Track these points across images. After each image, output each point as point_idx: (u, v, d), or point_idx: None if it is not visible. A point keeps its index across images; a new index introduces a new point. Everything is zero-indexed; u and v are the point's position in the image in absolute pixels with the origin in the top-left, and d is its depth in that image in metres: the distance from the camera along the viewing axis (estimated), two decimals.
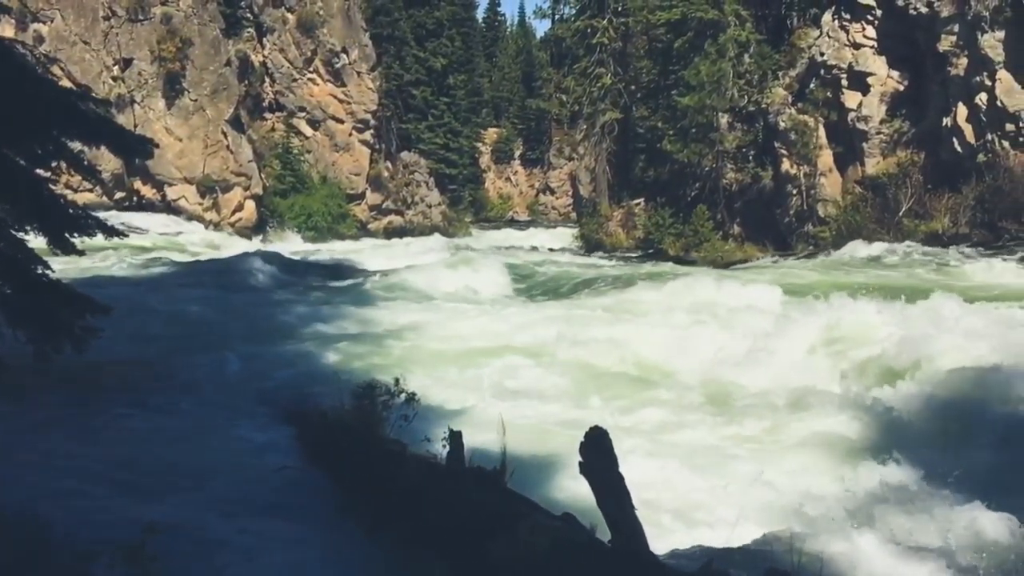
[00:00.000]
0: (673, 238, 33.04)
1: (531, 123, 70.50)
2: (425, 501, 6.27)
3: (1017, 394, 9.17)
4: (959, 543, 6.29)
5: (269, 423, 9.66)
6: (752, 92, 32.97)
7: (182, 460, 8.11)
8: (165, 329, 14.51)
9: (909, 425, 9.27)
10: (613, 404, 10.77)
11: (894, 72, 30.15)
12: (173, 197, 38.10)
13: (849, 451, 8.80)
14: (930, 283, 17.80)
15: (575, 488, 6.40)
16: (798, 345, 12.59)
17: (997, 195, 25.44)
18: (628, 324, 14.76)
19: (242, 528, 6.45)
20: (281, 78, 43.47)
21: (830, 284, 17.37)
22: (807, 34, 32.86)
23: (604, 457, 5.21)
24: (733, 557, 5.54)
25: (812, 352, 12.37)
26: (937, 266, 21.77)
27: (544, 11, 53.06)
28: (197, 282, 20.59)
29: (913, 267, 21.93)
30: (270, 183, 41.08)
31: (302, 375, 11.78)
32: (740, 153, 33.89)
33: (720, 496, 7.51)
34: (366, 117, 44.50)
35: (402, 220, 47.32)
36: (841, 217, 29.63)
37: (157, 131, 37.03)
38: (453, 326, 15.29)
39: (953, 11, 27.20)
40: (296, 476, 7.65)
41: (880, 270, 21.82)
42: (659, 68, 38.95)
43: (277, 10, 43.08)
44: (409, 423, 7.77)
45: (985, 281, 18.29)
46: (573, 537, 5.54)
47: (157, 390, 10.93)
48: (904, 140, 29.31)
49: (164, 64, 37.47)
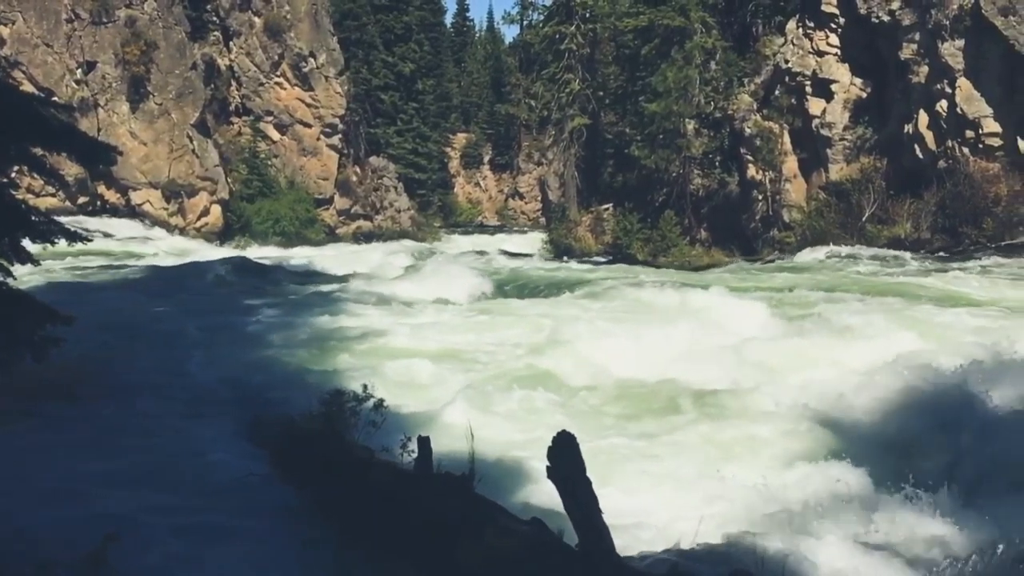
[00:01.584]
0: (641, 243, 33.22)
1: (500, 128, 70.58)
2: (393, 507, 6.26)
3: (969, 393, 9.37)
4: (915, 541, 6.42)
5: (235, 430, 9.57)
6: (718, 99, 33.31)
7: (144, 468, 8.02)
8: (127, 336, 14.32)
9: (863, 425, 9.41)
10: (580, 408, 10.80)
11: (857, 79, 30.61)
12: (138, 202, 37.65)
13: (805, 452, 8.91)
14: (890, 287, 18.09)
15: (544, 493, 6.43)
16: (748, 345, 12.83)
17: (957, 201, 25.90)
18: (593, 329, 14.82)
19: (206, 537, 6.40)
20: (248, 82, 43.14)
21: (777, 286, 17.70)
22: (772, 42, 33.28)
23: (571, 462, 5.25)
24: (698, 558, 5.60)
25: (760, 352, 12.57)
26: (892, 271, 22.13)
27: (512, 17, 53.06)
28: (161, 288, 20.36)
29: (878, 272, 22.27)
30: (236, 188, 40.71)
31: (269, 382, 11.69)
32: (707, 159, 34.21)
33: (681, 498, 7.59)
34: (334, 121, 44.30)
35: (371, 225, 47.12)
36: (806, 222, 30.00)
37: (121, 135, 36.64)
38: (422, 331, 15.25)
39: (914, 20, 27.70)
40: (262, 483, 7.60)
41: (836, 273, 22.14)
42: (627, 74, 39.20)
43: (244, 14, 42.76)
44: (377, 429, 7.75)
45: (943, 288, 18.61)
46: (541, 541, 5.57)
47: (119, 398, 10.79)
48: (867, 146, 29.76)
49: (128, 67, 37.04)
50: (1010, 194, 25.26)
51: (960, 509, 6.90)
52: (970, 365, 10.06)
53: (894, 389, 9.96)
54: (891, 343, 11.70)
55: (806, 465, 8.39)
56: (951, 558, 5.63)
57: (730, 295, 16.64)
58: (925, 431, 9.03)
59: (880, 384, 10.13)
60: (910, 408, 9.50)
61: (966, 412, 9.10)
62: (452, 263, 28.39)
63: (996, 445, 8.34)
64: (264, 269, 25.20)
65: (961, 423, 8.82)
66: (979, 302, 15.81)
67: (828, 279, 20.33)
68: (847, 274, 21.60)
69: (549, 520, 5.70)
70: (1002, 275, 19.58)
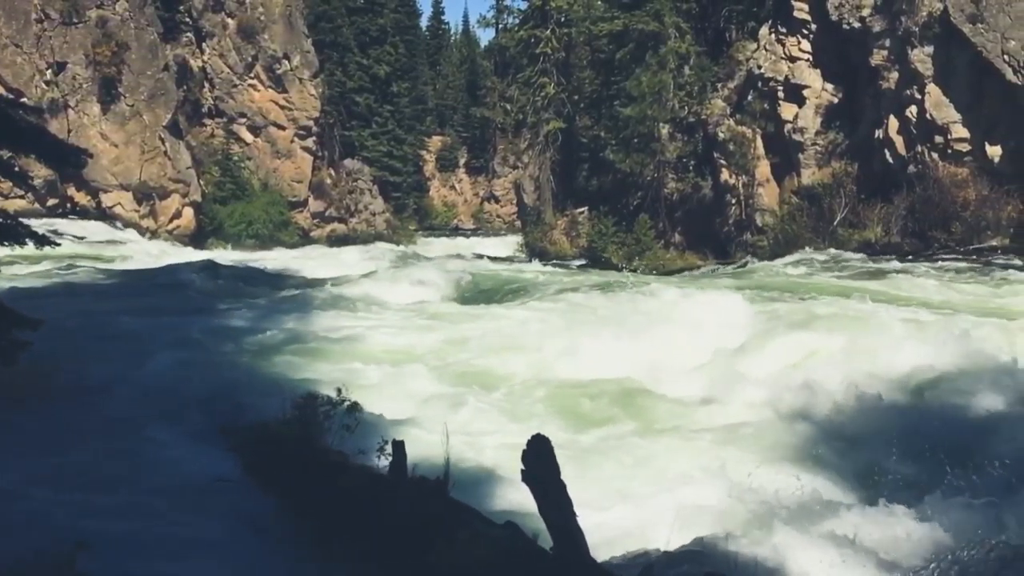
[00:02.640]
0: (616, 246, 33.35)
1: (475, 131, 70.53)
2: (367, 512, 6.23)
3: (935, 395, 9.51)
4: (887, 541, 6.49)
5: (207, 435, 9.47)
6: (692, 103, 33.53)
7: (115, 473, 7.92)
8: (98, 340, 14.13)
9: (833, 426, 9.51)
10: (553, 410, 10.81)
11: (828, 85, 30.95)
12: (108, 204, 37.20)
13: (775, 453, 8.99)
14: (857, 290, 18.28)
15: (518, 497, 6.43)
16: (715, 346, 12.95)
17: (927, 205, 26.25)
18: (567, 332, 14.85)
19: (178, 543, 6.33)
20: (221, 84, 42.81)
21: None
22: (745, 47, 33.55)
23: (546, 465, 5.25)
24: (672, 561, 5.63)
25: (726, 353, 12.69)
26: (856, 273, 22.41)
27: (488, 20, 53.15)
28: (131, 292, 20.14)
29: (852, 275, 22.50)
30: (209, 190, 40.37)
31: (242, 386, 11.59)
32: (681, 163, 34.42)
33: (655, 501, 7.62)
34: (308, 124, 44.07)
35: (345, 228, 46.91)
36: (778, 226, 30.27)
37: (92, 137, 36.21)
38: (397, 335, 15.20)
39: (885, 26, 28.05)
40: (235, 489, 7.53)
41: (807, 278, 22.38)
42: (601, 79, 39.37)
43: (217, 15, 42.43)
44: (351, 433, 7.70)
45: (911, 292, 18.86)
46: (515, 545, 5.57)
47: (87, 402, 10.65)
48: (838, 151, 30.09)
49: (99, 68, 36.61)
50: (978, 199, 25.65)
51: (932, 509, 6.98)
52: (934, 365, 10.23)
53: (860, 390, 10.09)
54: (852, 344, 11.86)
55: (777, 466, 8.46)
56: (922, 558, 5.70)
57: (696, 294, 16.72)
58: (894, 430, 9.14)
59: (846, 385, 10.25)
60: (876, 409, 9.62)
61: (933, 412, 9.24)
62: (429, 265, 28.36)
63: (965, 444, 8.47)
64: (236, 272, 24.99)
65: (929, 423, 8.95)
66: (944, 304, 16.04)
67: (790, 282, 20.55)
68: (813, 277, 21.85)
69: (523, 523, 5.70)
70: (966, 279, 19.86)
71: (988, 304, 15.98)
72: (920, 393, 10.06)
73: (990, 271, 20.90)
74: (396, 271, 24.02)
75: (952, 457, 8.32)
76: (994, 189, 25.47)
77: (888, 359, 10.77)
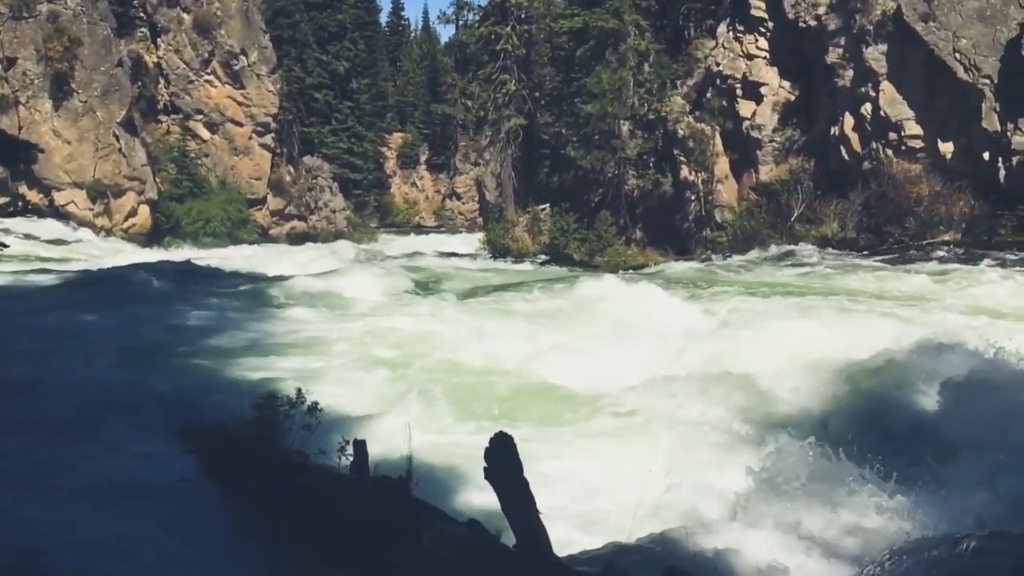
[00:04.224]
0: (578, 243, 33.44)
1: (437, 128, 70.36)
2: (327, 512, 6.17)
3: (895, 383, 9.67)
4: (845, 532, 6.58)
5: (162, 437, 9.30)
6: (652, 101, 33.73)
7: (66, 477, 7.74)
8: (48, 343, 13.80)
9: (793, 417, 9.63)
10: (515, 408, 10.81)
11: (785, 82, 31.35)
12: (61, 202, 36.44)
13: (738, 445, 9.07)
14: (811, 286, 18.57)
15: (482, 495, 6.41)
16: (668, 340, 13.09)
17: (882, 201, 26.72)
18: (529, 328, 14.88)
19: (133, 548, 6.21)
20: (176, 80, 42.17)
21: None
22: (703, 45, 33.86)
23: (508, 462, 5.23)
24: (633, 557, 5.64)
25: (680, 347, 12.83)
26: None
27: (448, 16, 52.83)
28: (85, 291, 19.71)
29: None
30: (165, 188, 39.78)
31: (198, 387, 11.41)
32: (641, 160, 34.63)
33: (614, 497, 7.65)
34: (266, 120, 43.59)
35: (305, 226, 46.50)
36: (737, 222, 30.60)
37: (44, 134, 35.46)
38: (358, 333, 15.08)
39: (840, 24, 28.48)
40: (192, 491, 7.41)
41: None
42: (562, 76, 39.47)
43: (172, 10, 41.78)
44: (312, 433, 7.61)
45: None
46: (478, 543, 5.54)
47: (38, 404, 10.40)
48: (795, 148, 30.51)
49: (51, 64, 35.84)
50: (931, 194, 26.18)
51: (889, 498, 7.08)
52: (891, 354, 10.42)
53: (820, 379, 10.24)
54: (810, 335, 12.06)
55: (740, 457, 8.52)
56: (886, 549, 5.77)
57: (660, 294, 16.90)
58: (856, 420, 9.28)
59: (806, 375, 10.39)
60: (838, 398, 9.76)
61: (893, 400, 9.40)
62: (389, 263, 28.23)
63: (928, 432, 8.62)
64: (193, 270, 24.61)
65: (888, 411, 9.10)
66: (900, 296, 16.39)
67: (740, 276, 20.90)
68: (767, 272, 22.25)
69: (487, 521, 5.67)
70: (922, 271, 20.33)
71: (926, 295, 16.62)
72: (872, 380, 10.22)
73: (933, 264, 21.65)
74: (356, 269, 23.83)
75: (908, 445, 8.48)
76: (946, 185, 26.00)
77: (838, 349, 10.94)
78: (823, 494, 7.25)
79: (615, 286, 17.80)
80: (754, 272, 23.27)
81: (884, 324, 13.10)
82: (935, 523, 6.50)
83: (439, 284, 23.25)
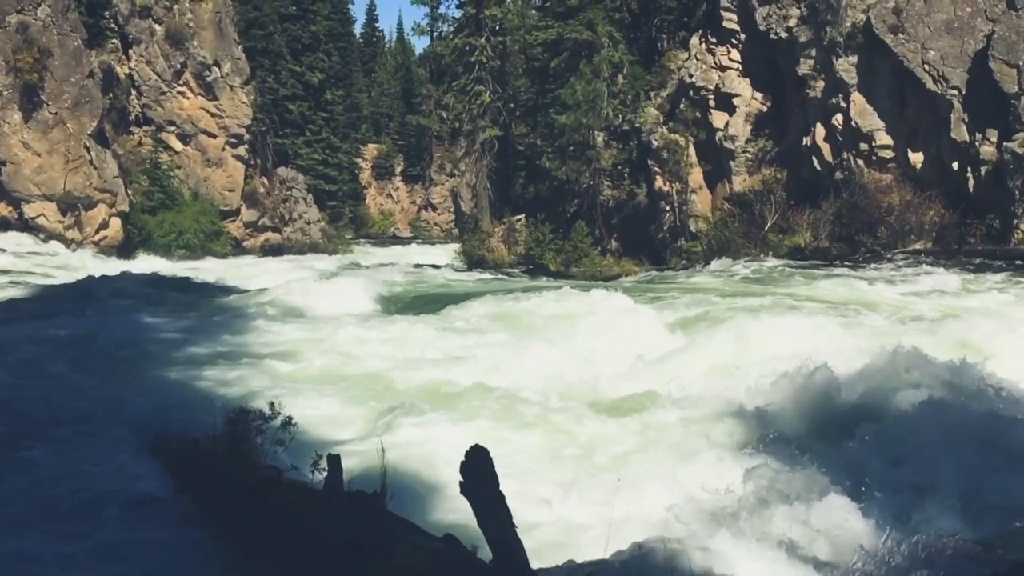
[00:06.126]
0: (554, 253, 33.51)
1: (412, 139, 70.31)
2: (301, 527, 6.10)
3: (867, 389, 9.73)
4: (818, 538, 6.60)
5: (134, 452, 9.16)
6: (626, 111, 33.91)
7: (37, 493, 7.61)
8: (15, 356, 13.60)
9: (770, 425, 9.65)
10: (492, 420, 10.75)
11: (758, 93, 31.64)
12: (31, 215, 35.95)
13: (713, 453, 9.07)
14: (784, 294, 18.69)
15: (458, 509, 6.36)
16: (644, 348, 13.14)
17: (853, 210, 26.99)
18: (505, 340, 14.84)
19: (106, 564, 6.10)
20: (149, 91, 41.82)
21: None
22: (677, 56, 34.10)
23: (485, 476, 5.20)
24: (610, 570, 5.62)
25: (657, 355, 12.88)
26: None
27: (422, 28, 52.88)
28: (55, 305, 19.46)
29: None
30: (137, 200, 39.36)
31: (171, 401, 11.25)
32: (616, 170, 34.80)
33: (591, 509, 7.63)
34: (240, 131, 43.30)
35: (279, 237, 46.19)
36: (711, 232, 30.78)
37: (13, 146, 35.05)
38: (332, 346, 14.95)
39: (810, 36, 28.80)
40: (164, 507, 7.31)
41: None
42: (537, 87, 39.60)
43: (144, 21, 41.45)
44: (286, 448, 7.55)
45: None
46: (454, 558, 5.50)
47: (10, 419, 10.22)
48: (768, 158, 30.76)
49: (21, 75, 35.39)
50: (902, 204, 26.48)
51: (862, 505, 7.11)
52: (870, 360, 10.51)
53: (795, 386, 10.28)
54: (785, 343, 12.16)
55: (716, 466, 8.53)
56: (863, 555, 5.79)
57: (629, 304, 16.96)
58: (832, 426, 9.33)
59: (781, 381, 10.43)
60: (813, 405, 9.81)
61: (868, 407, 9.47)
62: (364, 274, 28.09)
63: (902, 439, 8.67)
64: (165, 283, 24.37)
65: (864, 418, 9.16)
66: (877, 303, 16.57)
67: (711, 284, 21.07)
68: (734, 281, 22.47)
69: (463, 536, 5.63)
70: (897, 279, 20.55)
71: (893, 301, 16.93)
72: (841, 385, 10.29)
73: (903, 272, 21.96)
74: (330, 281, 23.67)
75: (878, 449, 8.53)
76: (917, 194, 26.31)
77: (808, 355, 11.00)
78: (799, 501, 7.28)
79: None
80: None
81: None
82: (908, 529, 6.53)
83: (413, 296, 23.15)
